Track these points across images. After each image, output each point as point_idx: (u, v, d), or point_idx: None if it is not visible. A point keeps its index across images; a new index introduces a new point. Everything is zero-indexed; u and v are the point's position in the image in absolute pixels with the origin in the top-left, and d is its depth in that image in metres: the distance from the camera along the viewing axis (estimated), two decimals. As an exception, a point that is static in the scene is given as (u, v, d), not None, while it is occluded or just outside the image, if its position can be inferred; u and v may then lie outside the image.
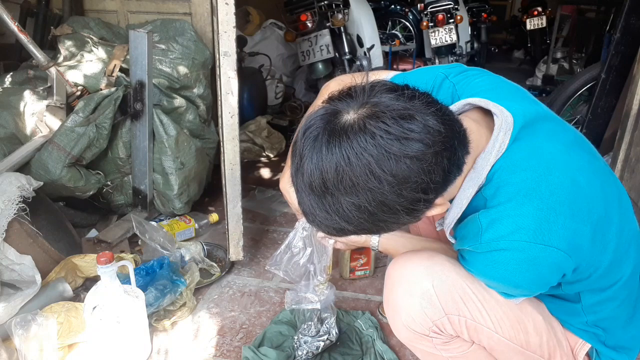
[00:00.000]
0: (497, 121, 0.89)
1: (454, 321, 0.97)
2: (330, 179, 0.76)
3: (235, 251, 1.83)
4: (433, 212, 0.86)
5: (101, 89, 2.04)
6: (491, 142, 0.89)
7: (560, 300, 1.03)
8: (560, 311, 1.04)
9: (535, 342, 1.01)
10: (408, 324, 0.99)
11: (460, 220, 0.94)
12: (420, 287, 0.96)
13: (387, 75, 1.10)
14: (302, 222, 1.25)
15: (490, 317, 0.97)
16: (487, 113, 0.93)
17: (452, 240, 0.99)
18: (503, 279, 0.90)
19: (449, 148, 0.79)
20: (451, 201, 0.92)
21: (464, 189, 0.90)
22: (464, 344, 1.02)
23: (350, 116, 0.77)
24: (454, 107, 0.93)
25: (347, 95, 0.80)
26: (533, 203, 0.84)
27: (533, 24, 6.12)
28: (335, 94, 0.83)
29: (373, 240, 1.21)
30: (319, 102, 0.95)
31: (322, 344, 1.45)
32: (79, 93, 2.06)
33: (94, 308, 1.29)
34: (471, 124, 0.89)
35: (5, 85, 2.13)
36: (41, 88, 2.06)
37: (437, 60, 4.58)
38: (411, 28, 5.86)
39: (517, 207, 0.85)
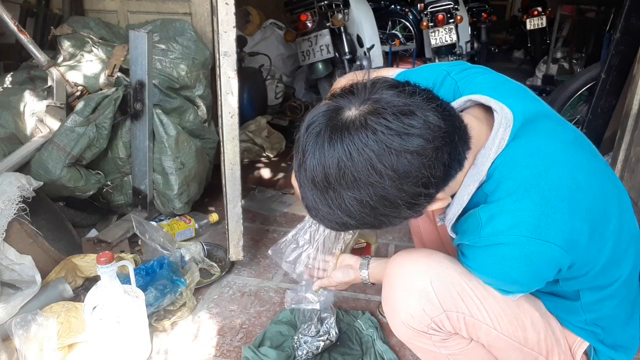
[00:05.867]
0: (497, 117, 0.90)
1: (453, 318, 0.97)
2: (333, 174, 0.78)
3: (235, 251, 1.83)
4: (434, 206, 0.87)
5: (101, 89, 2.04)
6: (491, 138, 0.89)
7: (559, 299, 1.03)
8: (559, 309, 1.04)
9: (533, 339, 1.01)
10: (407, 322, 0.99)
11: (462, 215, 0.94)
12: (418, 285, 0.97)
13: (392, 72, 1.10)
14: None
15: (488, 314, 0.97)
16: (488, 110, 0.93)
17: (453, 236, 1.00)
18: (500, 273, 0.91)
19: (450, 143, 0.80)
20: (452, 196, 0.93)
21: (465, 185, 0.90)
22: (462, 340, 1.02)
23: (351, 112, 0.78)
24: (455, 104, 0.93)
25: (349, 92, 0.82)
26: (532, 198, 0.85)
27: (533, 24, 6.12)
28: (337, 91, 0.84)
29: (363, 274, 1.21)
30: None
31: (322, 344, 1.45)
32: (79, 93, 2.06)
33: (94, 308, 1.29)
34: (472, 120, 0.89)
35: (5, 85, 2.13)
36: (41, 88, 2.06)
37: (437, 60, 4.58)
38: (411, 28, 5.86)
39: (517, 202, 0.85)
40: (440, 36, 4.36)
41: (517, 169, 0.87)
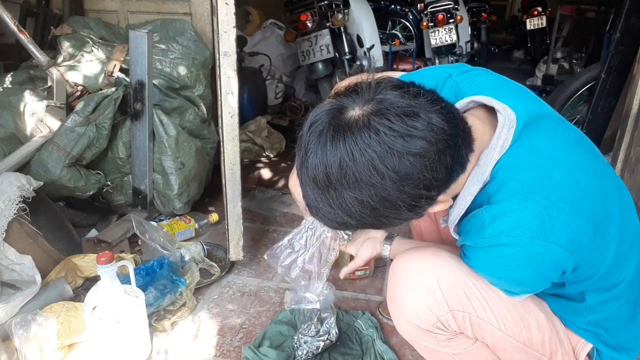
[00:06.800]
0: (500, 118, 0.90)
1: (458, 317, 0.97)
2: (334, 173, 0.77)
3: (235, 251, 1.83)
4: (435, 208, 0.87)
5: (101, 89, 2.04)
6: (494, 139, 0.89)
7: (563, 300, 1.03)
8: (564, 310, 1.04)
9: (538, 340, 1.01)
10: (412, 320, 0.99)
11: (465, 216, 0.94)
12: (425, 283, 0.97)
13: (394, 76, 1.10)
14: (308, 221, 1.25)
15: (494, 314, 0.97)
16: (491, 111, 0.93)
17: (456, 237, 0.99)
18: (504, 274, 0.91)
19: (453, 146, 0.79)
20: (455, 197, 0.93)
21: (468, 186, 0.90)
22: (467, 340, 1.02)
23: (355, 112, 0.78)
24: (458, 105, 0.93)
25: (353, 91, 0.81)
26: (536, 199, 0.85)
27: (533, 24, 6.12)
28: (342, 90, 0.84)
29: (385, 249, 1.22)
30: None
31: (322, 344, 1.45)
32: (79, 93, 2.06)
33: (94, 308, 1.29)
34: (475, 122, 0.89)
35: (5, 85, 2.13)
36: (41, 88, 2.06)
37: (437, 61, 4.58)
38: (411, 28, 5.86)
39: (520, 203, 0.85)
40: (440, 36, 4.36)
41: (520, 170, 0.87)
